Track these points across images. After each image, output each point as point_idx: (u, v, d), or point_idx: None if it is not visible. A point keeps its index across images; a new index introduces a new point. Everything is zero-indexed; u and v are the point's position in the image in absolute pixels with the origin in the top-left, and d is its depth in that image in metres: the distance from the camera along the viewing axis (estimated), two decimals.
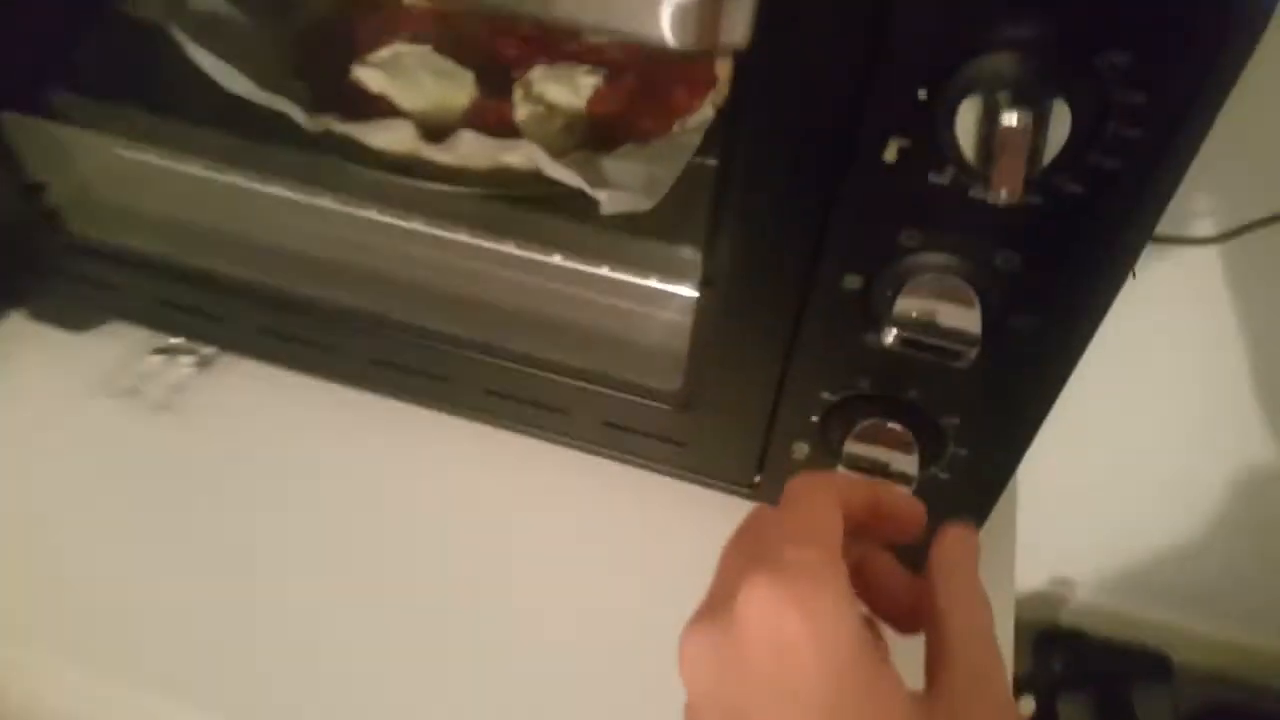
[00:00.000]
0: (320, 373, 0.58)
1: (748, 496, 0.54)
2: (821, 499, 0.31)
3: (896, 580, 0.33)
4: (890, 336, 0.38)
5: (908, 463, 0.44)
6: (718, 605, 0.29)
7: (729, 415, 0.50)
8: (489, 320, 0.53)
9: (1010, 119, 0.30)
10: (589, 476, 0.57)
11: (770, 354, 0.46)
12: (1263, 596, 1.00)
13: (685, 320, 0.49)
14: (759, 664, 0.27)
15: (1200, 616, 1.05)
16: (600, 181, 0.47)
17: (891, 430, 0.45)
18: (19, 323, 0.64)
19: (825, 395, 0.46)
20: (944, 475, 0.47)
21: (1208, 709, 1.05)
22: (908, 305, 0.38)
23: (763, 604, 0.27)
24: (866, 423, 0.45)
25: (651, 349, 0.52)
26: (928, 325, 0.38)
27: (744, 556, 0.31)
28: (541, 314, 0.54)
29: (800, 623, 0.26)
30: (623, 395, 0.51)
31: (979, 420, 0.44)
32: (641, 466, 0.55)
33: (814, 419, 0.47)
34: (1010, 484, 0.54)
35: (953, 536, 0.33)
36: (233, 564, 0.53)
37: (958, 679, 0.29)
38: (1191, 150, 0.33)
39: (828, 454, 0.48)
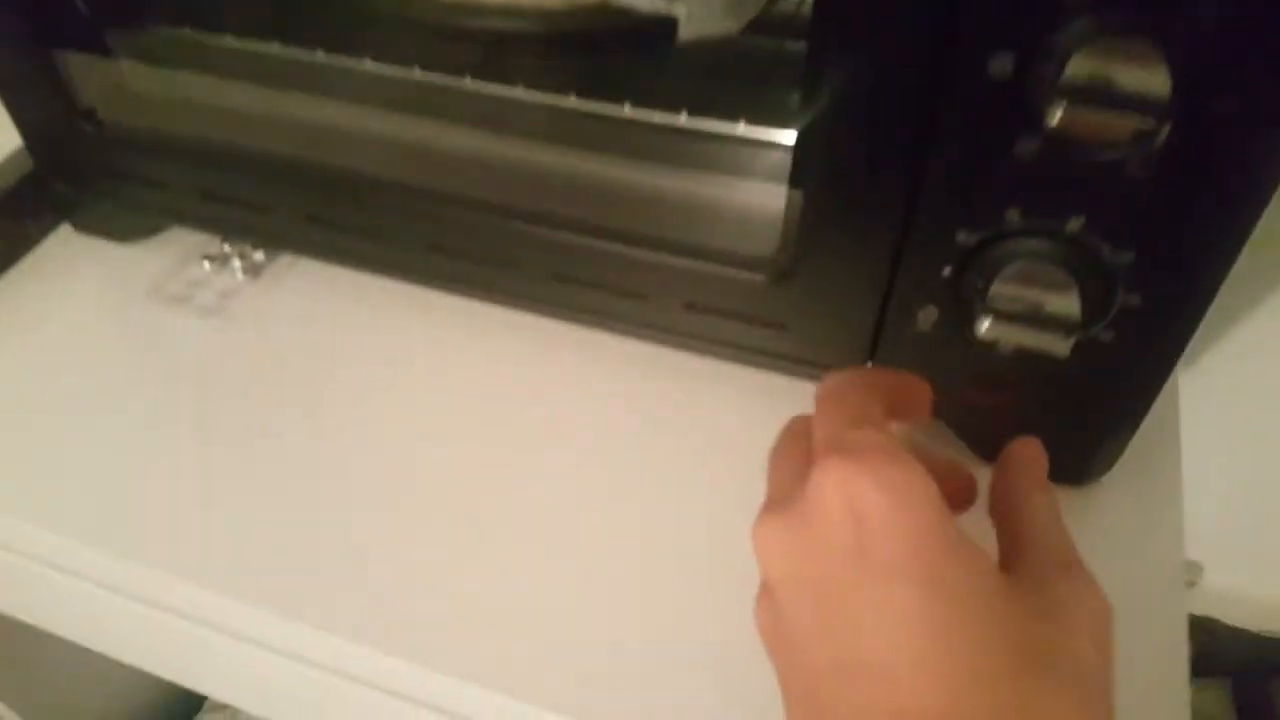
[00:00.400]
0: (373, 265, 0.52)
1: None
2: (855, 388, 0.33)
3: (933, 462, 0.31)
4: (1058, 114, 0.30)
5: (1067, 303, 0.36)
6: (783, 497, 0.30)
7: (837, 283, 0.42)
8: (554, 191, 0.47)
9: None
10: (667, 374, 0.50)
11: (890, 189, 0.37)
12: None
13: (780, 173, 0.41)
14: (840, 538, 0.27)
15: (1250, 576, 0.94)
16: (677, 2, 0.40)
17: (1047, 272, 0.36)
18: (67, 235, 0.60)
19: (962, 237, 0.37)
20: (1107, 336, 0.38)
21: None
22: (1081, 66, 0.29)
23: (838, 479, 0.27)
24: (1014, 266, 0.36)
25: (741, 212, 0.45)
26: (1105, 89, 0.29)
27: (797, 454, 0.33)
28: (612, 181, 0.46)
29: (878, 491, 0.27)
30: (707, 267, 0.43)
31: (1157, 254, 0.35)
32: (730, 358, 0.47)
33: (946, 271, 0.39)
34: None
35: (1022, 441, 0.35)
36: (284, 465, 0.47)
37: (1039, 557, 0.29)
38: None
39: (961, 319, 0.40)
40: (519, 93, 0.45)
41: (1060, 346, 0.37)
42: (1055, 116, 0.30)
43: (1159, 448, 0.47)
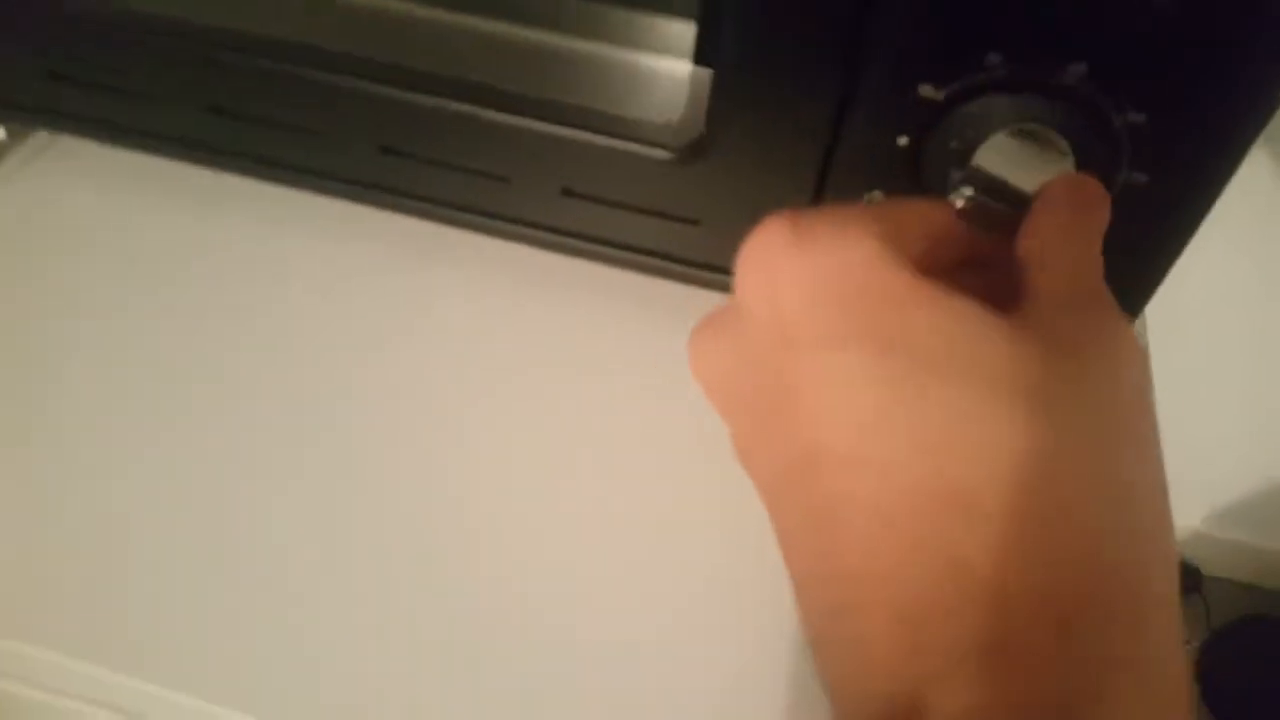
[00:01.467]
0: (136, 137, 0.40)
1: None
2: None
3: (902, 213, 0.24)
4: None
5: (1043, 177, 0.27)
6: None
7: (762, 158, 0.32)
8: (371, 31, 0.35)
9: None
10: (546, 288, 0.40)
11: (830, 26, 0.28)
12: None
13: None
14: (765, 330, 0.22)
15: (1229, 525, 0.93)
16: None
17: (1037, 139, 0.27)
18: None
19: (925, 91, 0.28)
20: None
21: (1240, 620, 0.94)
22: None
23: (758, 260, 0.23)
24: (994, 133, 0.28)
25: (634, 61, 0.35)
26: None
27: None
28: (444, 19, 0.36)
29: (797, 259, 0.21)
30: (589, 138, 0.33)
31: (1177, 118, 0.27)
32: (627, 264, 0.38)
33: (901, 140, 0.30)
34: None
35: (1063, 178, 0.25)
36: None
37: (1059, 285, 0.22)
38: None
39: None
40: None
41: None
42: None
43: None
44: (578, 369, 0.39)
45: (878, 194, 0.32)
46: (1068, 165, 0.27)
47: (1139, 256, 0.31)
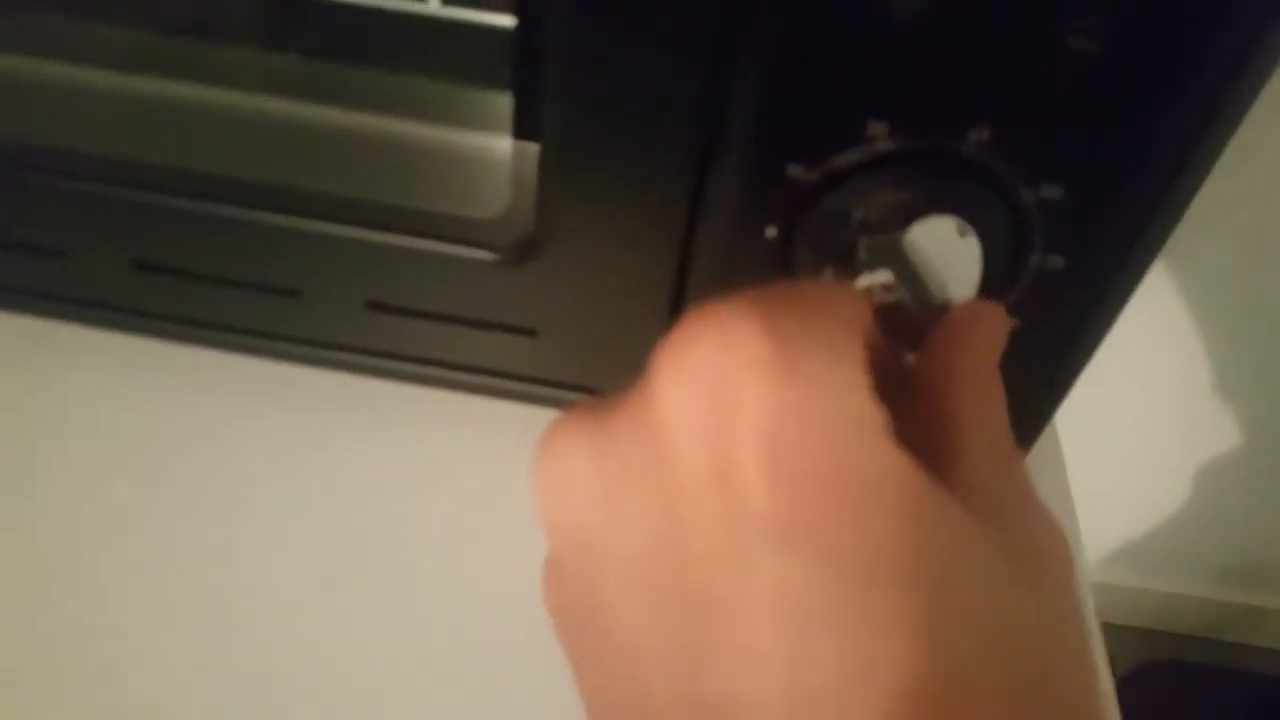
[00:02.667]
0: None
1: None
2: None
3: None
4: None
5: (962, 271, 0.22)
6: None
7: (604, 259, 0.26)
8: (120, 124, 0.28)
9: None
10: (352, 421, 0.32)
11: (677, 98, 0.22)
12: (1185, 544, 0.93)
13: (501, 72, 0.26)
14: (694, 479, 0.15)
15: (1127, 571, 0.92)
16: None
17: (933, 223, 0.22)
18: None
19: (795, 172, 0.23)
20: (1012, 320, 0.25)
21: (1143, 666, 0.94)
22: None
23: (694, 364, 0.16)
24: (880, 217, 0.22)
25: (450, 142, 0.28)
26: None
27: None
28: (222, 112, 0.28)
29: (761, 388, 0.15)
30: (398, 240, 0.27)
31: (1100, 188, 0.22)
32: (463, 387, 0.31)
33: (770, 232, 0.24)
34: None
35: (969, 310, 0.21)
36: None
37: (977, 462, 0.18)
38: None
39: None
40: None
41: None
42: None
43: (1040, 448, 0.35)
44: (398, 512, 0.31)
45: None
46: (973, 253, 0.22)
47: (1058, 347, 0.26)
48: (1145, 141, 0.22)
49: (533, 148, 0.25)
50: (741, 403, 0.15)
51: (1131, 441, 0.84)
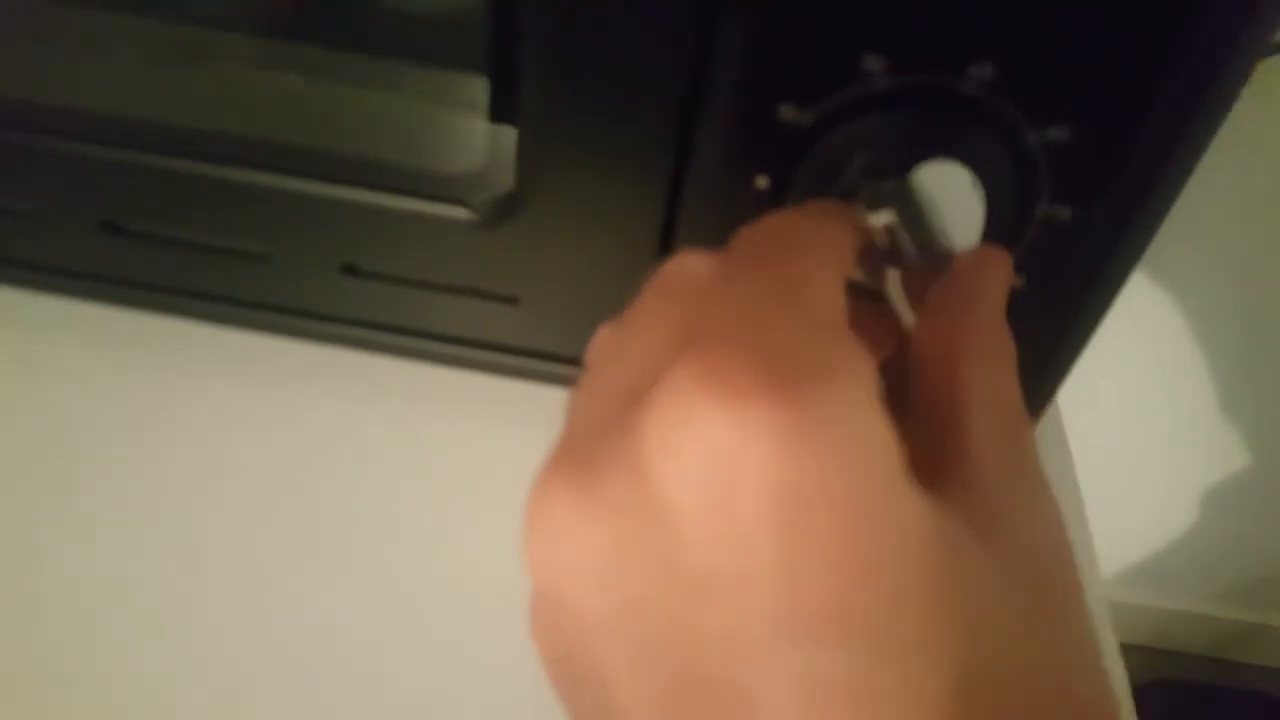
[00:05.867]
0: None
1: None
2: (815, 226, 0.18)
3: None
4: None
5: (964, 220, 0.21)
6: (594, 439, 0.15)
7: (591, 216, 0.25)
8: (97, 76, 0.27)
9: None
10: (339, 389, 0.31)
11: (662, 34, 0.21)
12: (1190, 563, 0.92)
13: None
14: (698, 544, 0.14)
15: (1133, 589, 0.91)
16: None
17: (932, 167, 0.21)
18: None
19: (787, 114, 0.21)
20: (1015, 279, 0.24)
21: (1150, 685, 0.92)
22: None
23: (705, 417, 0.14)
24: (877, 160, 0.21)
25: (427, 104, 0.27)
26: None
27: (651, 343, 0.16)
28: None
29: (776, 457, 0.13)
30: (379, 199, 0.26)
31: (1108, 128, 0.21)
32: (438, 359, 0.30)
33: (761, 183, 0.23)
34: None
35: (973, 266, 0.19)
36: None
37: (985, 455, 0.16)
38: None
39: None
40: None
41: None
42: None
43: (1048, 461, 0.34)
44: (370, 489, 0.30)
45: None
46: (977, 199, 0.21)
47: (1064, 309, 0.25)
48: (1158, 83, 0.20)
49: (506, 129, 0.24)
50: (748, 476, 0.14)
51: (1136, 460, 0.83)
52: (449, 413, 0.30)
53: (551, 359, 0.29)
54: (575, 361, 0.29)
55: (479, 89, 0.25)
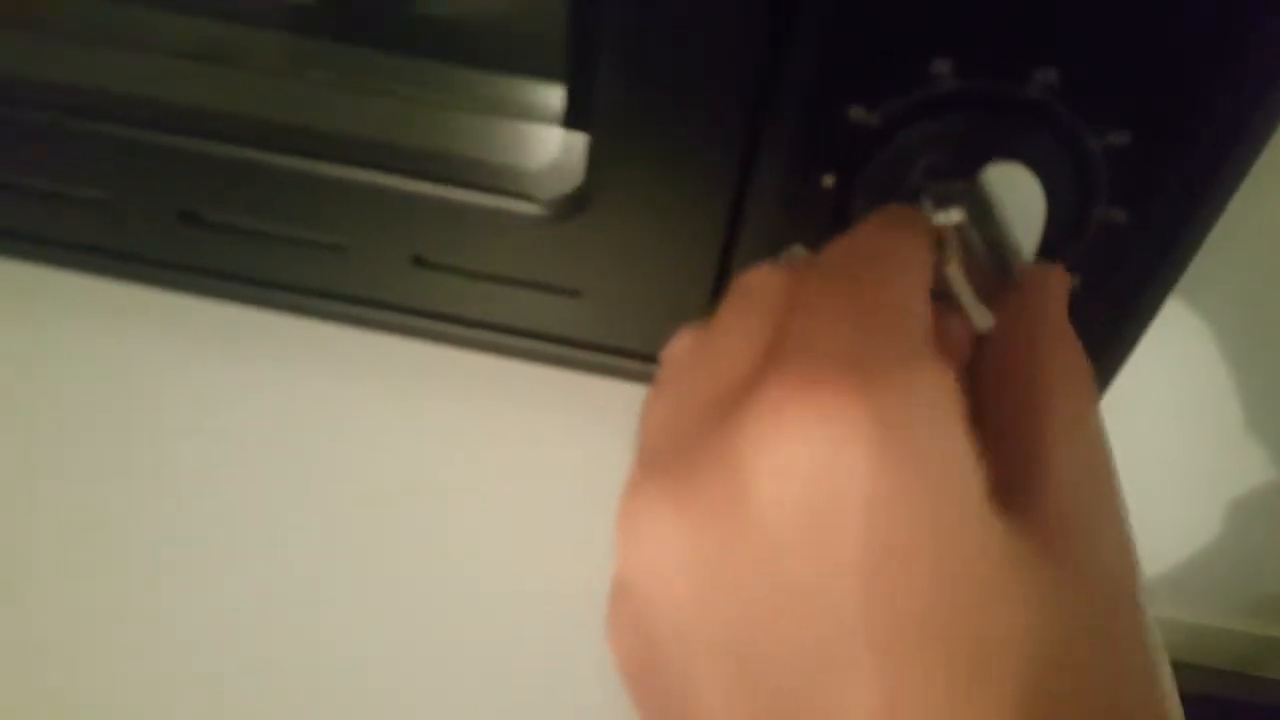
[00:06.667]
0: None
1: None
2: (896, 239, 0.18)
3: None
4: None
5: (1026, 221, 0.22)
6: (687, 446, 0.16)
7: (654, 218, 0.26)
8: (177, 72, 0.28)
9: None
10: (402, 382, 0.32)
11: (735, 42, 0.22)
12: (1216, 576, 0.91)
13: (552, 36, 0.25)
14: (796, 550, 0.14)
15: (1154, 602, 0.91)
16: None
17: (998, 170, 0.22)
18: None
19: (857, 115, 0.22)
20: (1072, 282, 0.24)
21: (1191, 701, 0.91)
22: None
23: (797, 427, 0.14)
24: (944, 162, 0.22)
25: (495, 106, 0.28)
26: None
27: (743, 349, 0.17)
28: (268, 60, 0.28)
29: (870, 466, 0.14)
30: (444, 192, 0.27)
31: (1166, 133, 0.22)
32: (498, 350, 0.31)
33: (827, 181, 0.24)
34: None
35: (1040, 283, 0.19)
36: None
37: (1062, 483, 0.16)
38: None
39: None
40: None
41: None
42: None
43: None
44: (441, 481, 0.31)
45: (799, 248, 0.25)
46: (1039, 201, 0.22)
47: (1118, 308, 0.25)
48: (1216, 89, 0.21)
49: (582, 101, 0.25)
50: (838, 488, 0.14)
51: (1162, 473, 0.83)
52: (509, 403, 0.31)
53: (612, 352, 0.30)
54: (635, 355, 0.30)
55: (553, 94, 0.26)
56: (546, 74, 0.26)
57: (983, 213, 0.21)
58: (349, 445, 0.31)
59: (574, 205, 0.26)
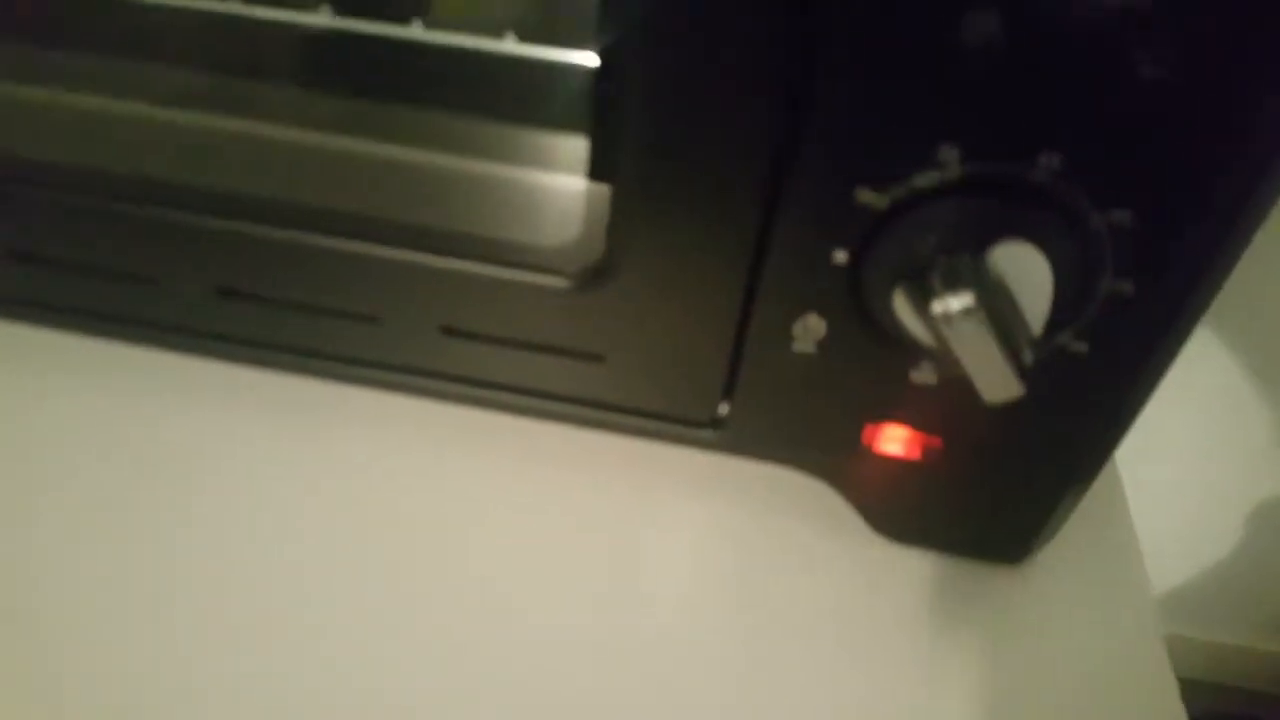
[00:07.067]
0: None
1: (707, 444, 0.31)
2: None
3: None
4: None
5: (1033, 299, 0.22)
6: None
7: (672, 285, 0.27)
8: (208, 157, 0.30)
9: None
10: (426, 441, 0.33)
11: (751, 126, 0.23)
12: (1252, 596, 0.91)
13: (579, 115, 0.27)
14: None
15: (1190, 623, 0.92)
16: None
17: (1005, 249, 0.22)
18: None
19: (866, 197, 0.23)
20: (1078, 347, 0.25)
21: (1204, 715, 0.91)
22: None
23: None
24: (951, 241, 0.23)
25: (524, 178, 0.29)
26: None
27: None
28: (302, 144, 0.30)
29: None
30: (473, 267, 0.28)
31: (1166, 211, 0.22)
32: (527, 410, 0.32)
33: (839, 257, 0.25)
34: None
35: None
36: None
37: None
38: None
39: (860, 334, 0.26)
40: None
41: (1017, 368, 0.23)
42: None
43: (1101, 495, 0.35)
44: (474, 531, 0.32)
45: (813, 318, 0.26)
46: (1046, 277, 0.22)
47: (1125, 373, 0.26)
48: (1214, 167, 0.22)
49: (601, 187, 0.26)
50: None
51: (1195, 491, 0.83)
52: (531, 461, 0.32)
53: (631, 412, 0.31)
54: (656, 416, 0.31)
55: (579, 150, 0.27)
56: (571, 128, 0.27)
57: (991, 290, 0.22)
58: (382, 503, 0.32)
59: (596, 277, 0.27)
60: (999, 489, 0.29)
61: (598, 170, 0.27)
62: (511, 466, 0.33)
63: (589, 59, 0.26)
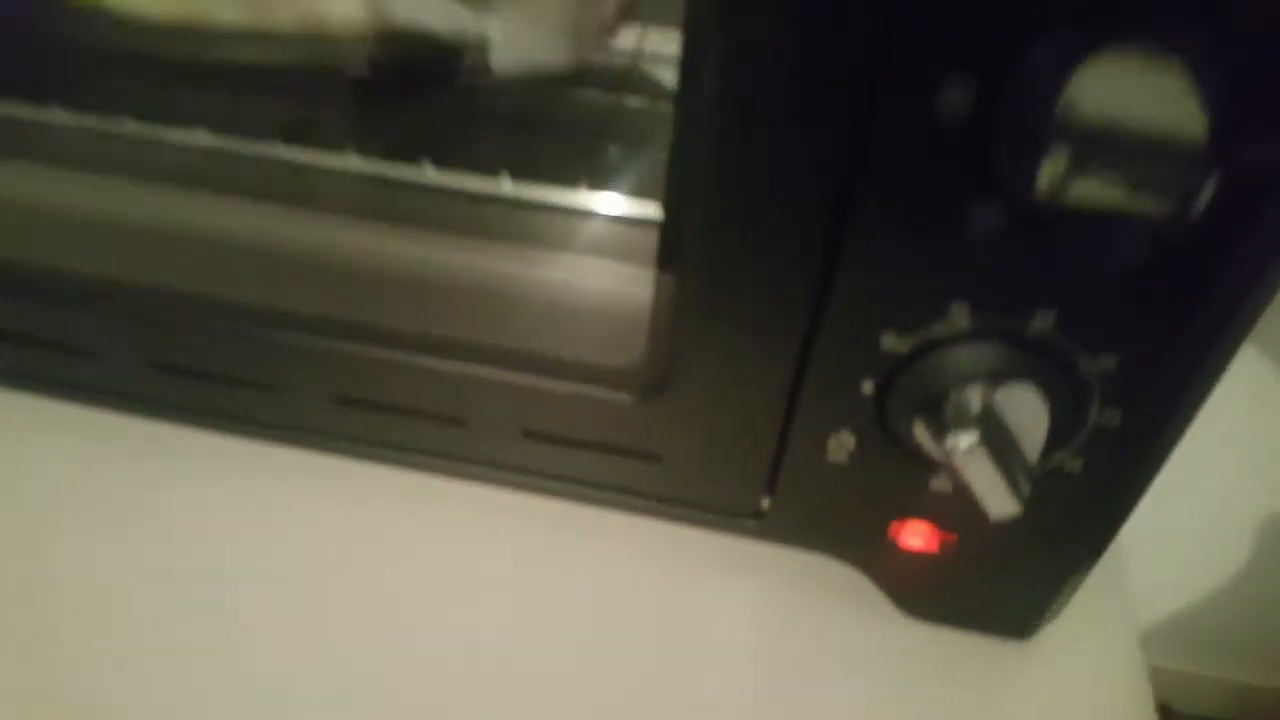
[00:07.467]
0: (80, 390, 0.38)
1: (750, 533, 0.35)
2: None
3: None
4: (1047, 171, 0.21)
5: (1031, 428, 0.26)
6: None
7: (723, 400, 0.31)
8: (330, 286, 0.35)
9: None
10: (509, 526, 0.38)
11: (793, 277, 0.28)
12: (1263, 637, 0.92)
13: (644, 256, 0.31)
14: None
15: (1201, 661, 0.94)
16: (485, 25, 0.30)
17: (1006, 388, 0.27)
18: None
19: (889, 342, 0.28)
20: (1074, 466, 0.29)
21: None
22: (1082, 97, 0.20)
23: None
24: (959, 381, 0.27)
25: (596, 308, 0.34)
26: (1111, 133, 0.20)
27: None
28: (409, 268, 0.35)
29: None
30: (549, 383, 0.32)
31: (1147, 357, 0.27)
32: (592, 501, 0.36)
33: (866, 388, 0.29)
34: None
35: None
36: None
37: None
38: None
39: (884, 450, 0.30)
40: (261, 148, 0.33)
41: (1021, 488, 0.27)
42: (1043, 174, 0.21)
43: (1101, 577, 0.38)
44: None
45: (845, 434, 0.31)
46: (1042, 413, 0.27)
47: (1113, 488, 0.30)
48: (1188, 316, 0.26)
49: (665, 310, 0.31)
50: None
51: (1192, 531, 0.84)
52: (592, 542, 0.37)
53: (684, 505, 0.35)
54: (706, 508, 0.35)
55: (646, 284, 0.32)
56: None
57: (994, 428, 0.26)
58: (464, 587, 0.36)
59: (656, 393, 0.32)
60: (1008, 578, 0.33)
61: (661, 300, 0.32)
62: (574, 545, 0.37)
63: (654, 210, 0.31)
